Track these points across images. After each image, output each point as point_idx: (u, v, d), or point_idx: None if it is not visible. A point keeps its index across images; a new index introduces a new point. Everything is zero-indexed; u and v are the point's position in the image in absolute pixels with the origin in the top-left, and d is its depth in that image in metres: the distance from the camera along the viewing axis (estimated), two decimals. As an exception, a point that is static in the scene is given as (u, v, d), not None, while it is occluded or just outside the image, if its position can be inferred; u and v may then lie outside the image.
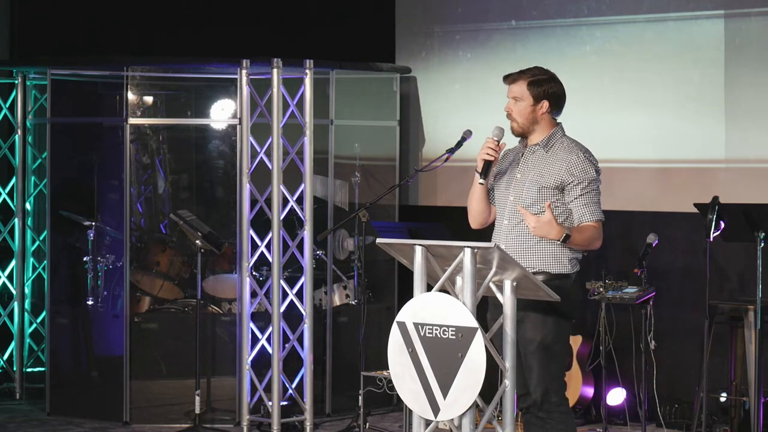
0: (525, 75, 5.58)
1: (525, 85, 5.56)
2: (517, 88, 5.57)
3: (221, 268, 9.33)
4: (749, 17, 7.99)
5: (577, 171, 5.51)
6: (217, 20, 9.91)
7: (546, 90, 5.58)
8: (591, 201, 5.53)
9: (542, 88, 5.57)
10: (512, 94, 5.58)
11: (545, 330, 5.42)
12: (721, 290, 7.91)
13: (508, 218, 5.57)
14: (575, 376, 8.19)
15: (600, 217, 5.56)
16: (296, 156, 8.19)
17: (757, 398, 7.20)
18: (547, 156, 5.56)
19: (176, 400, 8.57)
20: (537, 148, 5.60)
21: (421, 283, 5.06)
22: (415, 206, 9.41)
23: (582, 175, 5.51)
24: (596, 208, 5.55)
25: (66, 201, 9.07)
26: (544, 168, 5.55)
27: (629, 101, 8.42)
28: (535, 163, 5.57)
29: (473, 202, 5.71)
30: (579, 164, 5.51)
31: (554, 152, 5.56)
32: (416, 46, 9.42)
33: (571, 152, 5.54)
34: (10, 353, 9.60)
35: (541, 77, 5.59)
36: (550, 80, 5.60)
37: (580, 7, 8.63)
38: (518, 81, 5.57)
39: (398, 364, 5.03)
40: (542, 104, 5.58)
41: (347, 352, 8.64)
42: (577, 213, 5.52)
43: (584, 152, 5.57)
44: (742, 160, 8.03)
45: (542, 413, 5.50)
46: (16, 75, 9.40)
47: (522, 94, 5.56)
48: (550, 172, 5.52)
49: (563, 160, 5.53)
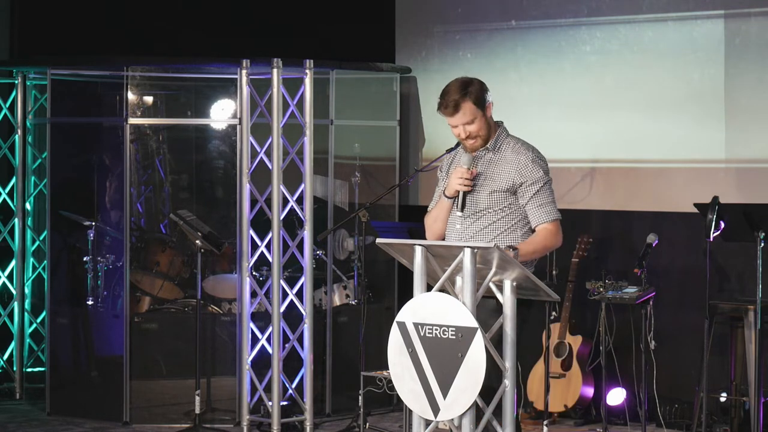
0: (463, 96, 5.45)
1: (470, 104, 5.47)
2: (465, 112, 5.47)
3: (221, 268, 9.33)
4: (749, 17, 7.99)
5: (527, 172, 5.48)
6: (217, 20, 9.92)
7: (484, 95, 5.51)
8: (545, 201, 5.50)
9: (481, 96, 5.49)
10: (464, 119, 5.47)
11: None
12: (721, 290, 7.91)
13: (460, 222, 5.57)
14: (575, 376, 8.19)
15: (556, 216, 5.52)
16: (296, 156, 8.20)
17: (757, 398, 7.21)
18: (495, 159, 5.54)
19: (176, 400, 8.57)
20: (485, 152, 5.57)
21: (421, 283, 5.06)
22: (415, 206, 9.41)
23: (533, 175, 5.48)
24: (551, 207, 5.51)
25: (66, 201, 9.07)
26: (494, 172, 5.53)
27: (629, 101, 8.42)
28: (484, 167, 5.54)
29: (439, 223, 5.66)
30: (528, 165, 5.49)
31: (502, 154, 5.54)
32: (416, 46, 9.42)
33: (519, 153, 5.52)
34: (10, 353, 9.60)
35: (472, 88, 5.48)
36: (475, 85, 5.51)
37: (580, 7, 8.63)
38: (461, 105, 5.46)
39: (398, 364, 5.03)
40: (487, 110, 5.54)
41: (347, 352, 8.64)
42: (533, 215, 5.50)
43: (532, 151, 5.54)
44: (742, 160, 8.03)
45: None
46: (16, 75, 9.41)
47: (474, 114, 5.48)
48: (500, 175, 5.51)
49: (512, 162, 5.51)
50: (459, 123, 5.51)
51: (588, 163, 8.60)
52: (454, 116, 5.49)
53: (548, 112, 8.62)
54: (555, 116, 8.55)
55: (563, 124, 8.54)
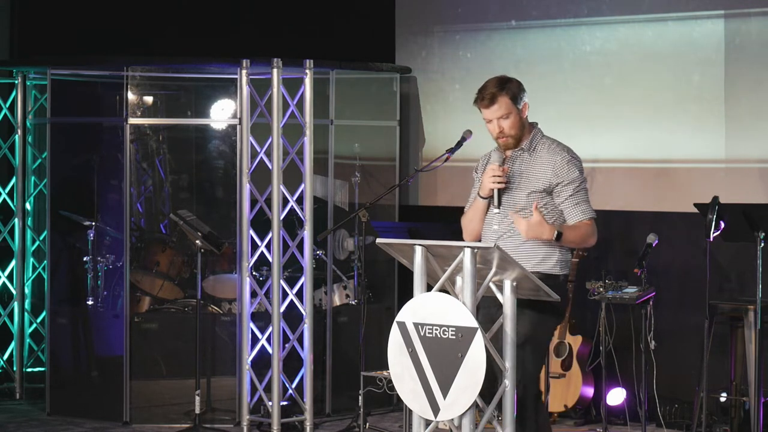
0: (501, 91, 5.51)
1: (507, 99, 5.52)
2: (501, 105, 5.51)
3: (221, 268, 9.33)
4: (749, 17, 7.99)
5: (563, 172, 5.50)
6: (217, 20, 9.91)
7: (520, 94, 5.55)
8: (581, 200, 5.52)
9: (518, 94, 5.54)
10: (498, 113, 5.51)
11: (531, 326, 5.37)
12: (721, 290, 7.91)
13: (498, 223, 5.56)
14: (575, 376, 8.19)
15: (592, 215, 5.55)
16: (296, 156, 8.20)
17: (757, 398, 7.20)
18: (531, 159, 5.56)
19: (176, 400, 8.57)
20: (521, 152, 5.58)
21: (421, 283, 5.06)
22: (415, 206, 9.41)
23: (569, 175, 5.50)
24: (587, 206, 5.54)
25: (66, 201, 9.07)
26: (530, 172, 5.54)
27: (629, 101, 8.42)
28: (521, 168, 5.56)
29: (475, 223, 5.65)
30: (564, 165, 5.51)
31: (538, 154, 5.55)
32: (416, 46, 9.42)
33: (555, 153, 5.54)
34: (10, 353, 9.60)
35: (510, 85, 5.54)
36: (513, 83, 5.57)
37: (580, 7, 8.63)
38: (498, 98, 5.50)
39: (398, 364, 5.03)
40: (523, 108, 5.57)
41: (347, 352, 8.64)
42: (569, 213, 5.51)
43: (568, 152, 5.56)
44: (742, 160, 8.03)
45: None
46: (16, 75, 9.41)
47: (509, 108, 5.52)
48: (536, 175, 5.52)
49: (548, 162, 5.52)
50: (494, 117, 5.53)
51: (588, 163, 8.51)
52: (489, 108, 5.52)
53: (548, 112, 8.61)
54: (555, 116, 8.54)
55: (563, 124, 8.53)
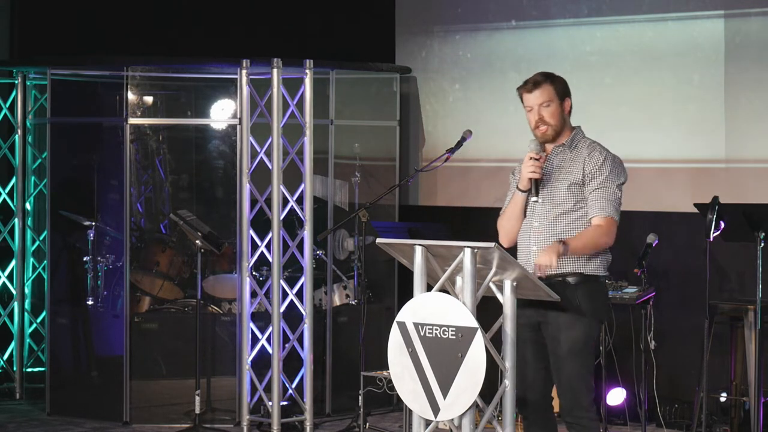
0: (546, 79, 5.53)
1: (551, 88, 5.52)
2: (544, 92, 5.50)
3: (221, 268, 9.33)
4: (749, 17, 7.99)
5: (593, 164, 5.46)
6: (217, 20, 9.91)
7: (565, 89, 5.57)
8: (603, 197, 5.44)
9: (562, 88, 5.55)
10: (540, 99, 5.50)
11: (577, 331, 5.35)
12: (721, 290, 7.91)
13: (538, 220, 5.51)
14: (575, 376, 8.18)
15: (609, 213, 5.44)
16: (296, 156, 8.19)
17: (757, 398, 7.20)
18: (571, 155, 5.54)
19: (176, 400, 8.57)
20: (562, 149, 5.57)
21: (421, 283, 5.06)
22: (415, 206, 9.41)
23: (599, 168, 5.46)
24: (607, 204, 5.44)
25: (66, 201, 9.07)
26: (570, 166, 5.52)
27: (629, 101, 8.42)
28: (561, 163, 5.54)
29: (514, 220, 5.59)
30: (599, 159, 5.47)
31: (578, 151, 5.54)
32: (416, 46, 9.42)
33: (594, 149, 5.52)
34: (10, 353, 9.60)
35: (556, 77, 5.57)
36: (560, 77, 5.60)
37: (580, 7, 8.63)
38: (542, 85, 5.51)
39: (398, 364, 5.03)
40: (566, 103, 5.57)
41: (347, 352, 8.64)
42: (590, 207, 5.46)
43: (607, 152, 5.54)
44: (742, 160, 8.03)
45: (570, 418, 5.38)
46: (16, 75, 9.41)
47: (551, 96, 5.50)
48: (575, 169, 5.50)
49: (586, 156, 5.51)
50: (535, 103, 5.51)
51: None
52: (532, 93, 5.51)
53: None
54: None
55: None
